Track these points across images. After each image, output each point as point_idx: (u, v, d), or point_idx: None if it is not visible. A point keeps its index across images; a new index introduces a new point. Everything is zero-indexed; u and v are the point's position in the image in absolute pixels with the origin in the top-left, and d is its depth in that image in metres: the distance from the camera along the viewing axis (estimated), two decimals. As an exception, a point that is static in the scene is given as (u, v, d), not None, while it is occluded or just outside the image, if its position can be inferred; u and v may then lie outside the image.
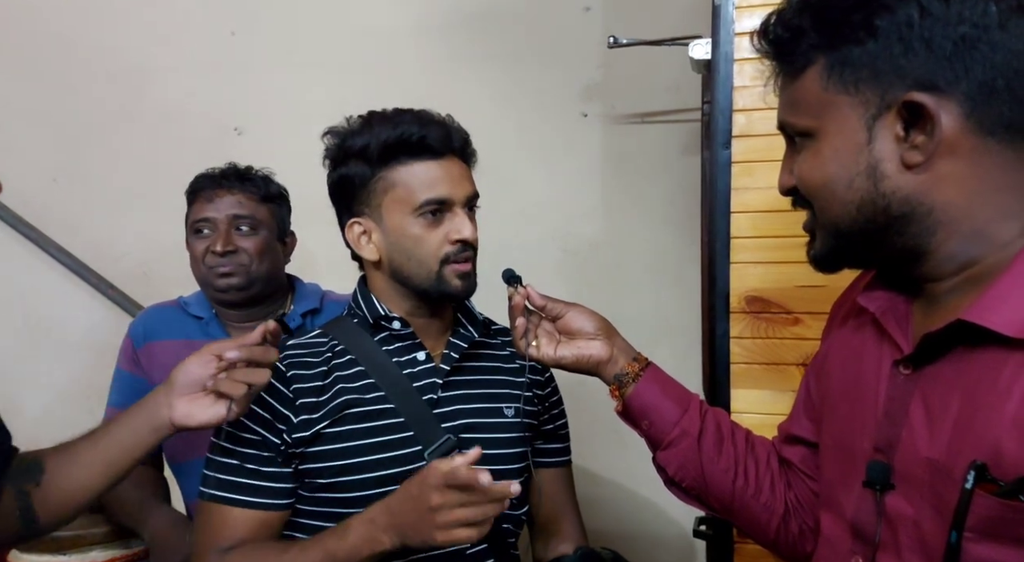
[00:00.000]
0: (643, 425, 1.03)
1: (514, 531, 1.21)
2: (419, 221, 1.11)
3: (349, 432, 1.10)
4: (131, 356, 1.56)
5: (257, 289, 1.53)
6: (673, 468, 1.01)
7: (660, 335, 2.01)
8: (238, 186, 1.53)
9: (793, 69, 0.77)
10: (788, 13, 0.77)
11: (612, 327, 1.06)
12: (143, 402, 1.02)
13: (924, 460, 0.73)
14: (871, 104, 0.72)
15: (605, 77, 2.03)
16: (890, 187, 0.73)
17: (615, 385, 1.03)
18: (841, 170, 0.75)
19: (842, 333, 0.91)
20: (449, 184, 1.11)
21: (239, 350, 0.98)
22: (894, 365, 0.79)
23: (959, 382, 0.71)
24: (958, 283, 0.75)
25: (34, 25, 2.33)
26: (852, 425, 0.84)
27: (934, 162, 0.71)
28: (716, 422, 1.03)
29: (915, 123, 0.70)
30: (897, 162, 0.72)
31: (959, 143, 0.70)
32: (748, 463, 1.00)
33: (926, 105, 0.69)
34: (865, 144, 0.73)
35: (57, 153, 2.34)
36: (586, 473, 2.03)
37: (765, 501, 0.99)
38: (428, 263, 1.12)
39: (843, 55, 0.73)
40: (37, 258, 2.30)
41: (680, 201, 1.95)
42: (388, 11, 2.15)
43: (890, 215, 0.73)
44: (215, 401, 0.99)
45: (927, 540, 0.72)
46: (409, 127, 1.10)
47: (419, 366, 1.16)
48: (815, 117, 0.76)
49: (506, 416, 1.19)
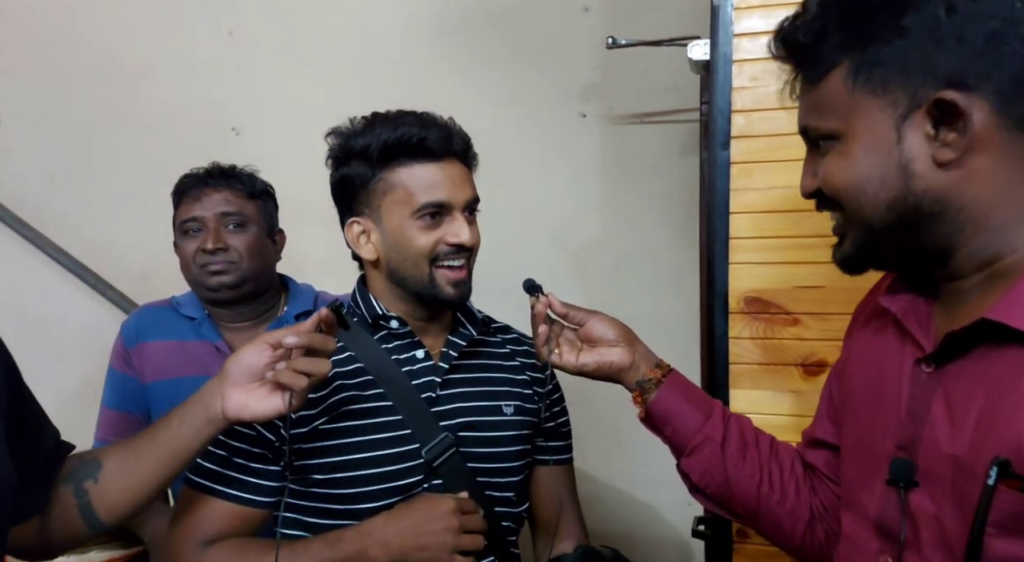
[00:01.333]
0: (666, 431, 1.02)
1: (514, 529, 1.21)
2: (418, 223, 1.11)
3: (347, 429, 1.10)
4: (123, 356, 1.56)
5: (249, 287, 1.52)
6: (697, 474, 1.00)
7: (659, 335, 1.99)
8: (224, 184, 1.53)
9: (816, 72, 0.77)
10: (808, 16, 0.76)
11: (633, 334, 1.06)
12: (198, 394, 0.98)
13: (947, 457, 0.72)
14: (900, 104, 0.72)
15: (604, 78, 2.04)
16: (922, 186, 0.72)
17: (637, 391, 1.03)
18: (872, 171, 0.74)
19: (864, 335, 0.91)
20: (449, 188, 1.11)
21: (298, 336, 0.95)
22: (916, 363, 0.79)
23: (982, 380, 0.71)
24: (979, 281, 0.75)
25: (33, 26, 2.33)
26: (874, 425, 0.83)
27: (966, 159, 0.71)
28: (739, 428, 1.02)
29: (945, 121, 0.70)
30: (928, 160, 0.72)
31: (990, 139, 0.70)
32: (772, 469, 1.00)
33: (957, 103, 0.69)
34: (895, 144, 0.73)
35: (56, 154, 2.34)
36: (585, 473, 2.03)
37: (791, 507, 0.98)
38: (421, 264, 1.12)
39: (870, 56, 0.72)
40: (35, 258, 2.30)
41: (679, 201, 1.96)
42: (386, 12, 2.15)
43: (922, 213, 0.73)
44: (271, 392, 0.96)
45: (949, 537, 0.73)
46: (410, 128, 1.10)
47: (418, 364, 1.16)
48: (842, 119, 0.76)
49: (505, 414, 1.19)
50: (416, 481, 1.11)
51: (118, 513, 0.98)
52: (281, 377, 0.94)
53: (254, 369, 0.96)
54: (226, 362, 0.98)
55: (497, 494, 1.16)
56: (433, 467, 1.11)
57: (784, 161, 1.19)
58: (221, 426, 0.97)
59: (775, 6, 1.20)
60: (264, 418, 0.97)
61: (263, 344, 0.96)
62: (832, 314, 1.19)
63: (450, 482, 1.12)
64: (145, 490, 0.98)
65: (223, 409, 0.96)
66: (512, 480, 1.18)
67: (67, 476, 0.98)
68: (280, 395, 0.95)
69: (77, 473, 0.98)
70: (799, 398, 1.22)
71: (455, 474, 1.12)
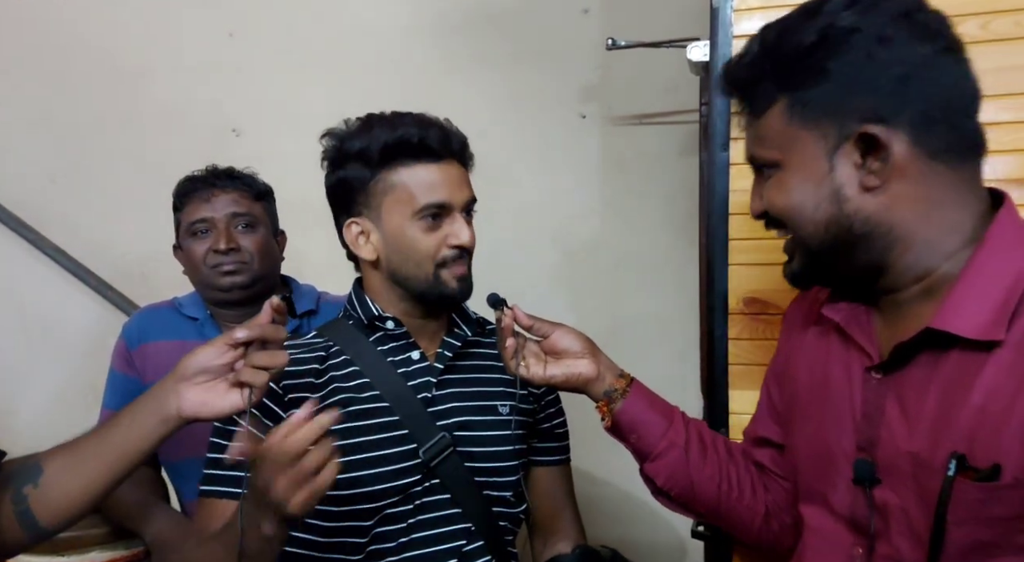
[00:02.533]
0: (631, 439, 1.06)
1: (511, 529, 1.21)
2: (419, 224, 1.11)
3: (344, 431, 1.10)
4: (125, 357, 1.56)
5: (259, 287, 1.52)
6: (662, 478, 1.05)
7: (658, 336, 2.01)
8: (231, 185, 1.53)
9: (757, 108, 0.86)
10: (748, 58, 0.86)
11: (595, 346, 1.09)
12: (147, 395, 0.98)
13: (906, 454, 0.81)
14: (830, 137, 0.81)
15: (603, 79, 2.04)
16: (852, 208, 0.81)
17: (604, 401, 1.06)
18: (807, 195, 0.83)
19: (804, 340, 0.99)
20: (449, 188, 1.12)
21: (249, 330, 0.95)
22: (866, 371, 0.87)
23: (932, 382, 0.79)
24: (916, 293, 0.83)
25: (33, 26, 2.33)
26: (827, 426, 0.91)
27: (889, 184, 0.79)
28: (698, 432, 1.08)
29: (870, 151, 0.79)
30: (857, 186, 0.81)
31: (909, 167, 0.79)
32: (730, 469, 1.06)
33: (878, 136, 0.78)
34: (827, 172, 0.81)
35: (56, 154, 2.34)
36: (584, 474, 2.03)
37: (748, 503, 1.05)
38: (425, 265, 1.12)
39: (801, 95, 0.81)
40: (35, 259, 2.30)
41: (678, 202, 1.96)
42: (387, 13, 2.15)
43: (854, 233, 0.82)
44: (229, 389, 0.96)
45: (915, 526, 0.80)
46: (408, 129, 1.10)
47: (413, 365, 1.16)
48: (780, 150, 0.84)
49: (501, 414, 1.19)
50: (414, 481, 1.11)
51: (62, 518, 0.96)
52: (242, 375, 0.94)
53: (211, 369, 0.96)
54: (180, 362, 0.97)
55: (495, 494, 1.17)
56: (431, 467, 1.11)
57: (783, 162, 1.20)
58: (175, 426, 0.96)
59: (774, 8, 1.20)
60: (224, 415, 0.96)
61: (220, 344, 0.96)
62: (831, 315, 1.19)
63: (448, 482, 1.12)
64: (92, 493, 0.96)
65: (179, 408, 0.95)
66: (509, 480, 1.19)
67: (4, 482, 0.96)
68: (239, 392, 0.95)
69: (16, 479, 0.96)
70: (798, 399, 1.22)
71: (453, 474, 1.13)
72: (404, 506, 1.11)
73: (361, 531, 1.10)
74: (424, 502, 1.12)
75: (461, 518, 1.13)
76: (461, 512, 1.13)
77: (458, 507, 1.13)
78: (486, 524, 1.15)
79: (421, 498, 1.12)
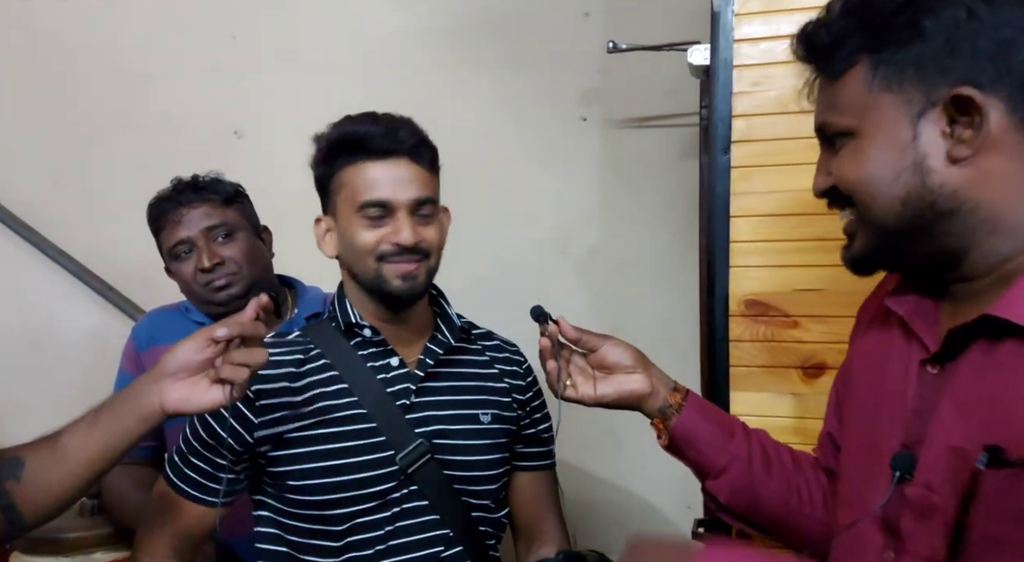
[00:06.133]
0: (689, 455, 1.01)
1: (493, 534, 1.21)
2: (361, 221, 1.12)
3: (321, 436, 1.11)
4: (134, 358, 1.56)
5: (256, 291, 1.52)
6: (726, 495, 0.99)
7: (659, 338, 2.01)
8: (198, 198, 1.51)
9: (835, 71, 0.79)
10: (830, 18, 0.79)
11: (646, 358, 1.04)
12: (127, 391, 0.98)
13: (948, 448, 0.74)
14: (916, 102, 0.74)
15: (604, 82, 2.04)
16: (937, 181, 0.74)
17: (659, 418, 1.01)
18: (886, 167, 0.75)
19: (867, 337, 0.92)
20: (391, 187, 1.11)
21: (229, 327, 0.96)
22: (921, 364, 0.80)
23: (986, 374, 0.73)
24: (989, 283, 0.76)
25: (34, 29, 2.33)
26: (879, 424, 0.84)
27: (979, 157, 0.72)
28: (761, 443, 1.02)
29: (960, 118, 0.72)
30: (943, 157, 0.73)
31: (1003, 139, 0.72)
32: (799, 481, 0.99)
33: (975, 98, 0.71)
34: (910, 140, 0.74)
35: (57, 156, 2.34)
36: (584, 476, 2.03)
37: (819, 515, 0.98)
38: (366, 261, 1.12)
39: (888, 56, 0.75)
40: (37, 261, 2.30)
41: (679, 205, 1.96)
42: (389, 16, 2.15)
43: (937, 210, 0.74)
44: (211, 385, 0.96)
45: (949, 524, 0.73)
46: (353, 127, 1.12)
47: (392, 372, 1.16)
48: (858, 116, 0.77)
49: (482, 422, 1.19)
50: (391, 487, 1.11)
51: (43, 513, 0.97)
52: (223, 372, 0.95)
53: (193, 365, 0.96)
54: (162, 358, 0.98)
55: (474, 500, 1.17)
56: (408, 474, 1.11)
57: (784, 165, 1.20)
58: (156, 422, 0.97)
59: (775, 12, 1.21)
60: (205, 410, 0.98)
61: (201, 339, 0.97)
62: (832, 317, 1.19)
63: (425, 488, 1.13)
64: (72, 489, 0.96)
65: (161, 404, 0.96)
66: (489, 488, 1.19)
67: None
68: (221, 388, 0.96)
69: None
70: (799, 400, 1.22)
71: (430, 481, 1.13)
72: (382, 513, 1.11)
73: (335, 535, 1.10)
74: (402, 509, 1.12)
75: (439, 524, 1.14)
76: (439, 519, 1.14)
77: (436, 514, 1.13)
78: (465, 530, 1.15)
79: (399, 505, 1.12)
